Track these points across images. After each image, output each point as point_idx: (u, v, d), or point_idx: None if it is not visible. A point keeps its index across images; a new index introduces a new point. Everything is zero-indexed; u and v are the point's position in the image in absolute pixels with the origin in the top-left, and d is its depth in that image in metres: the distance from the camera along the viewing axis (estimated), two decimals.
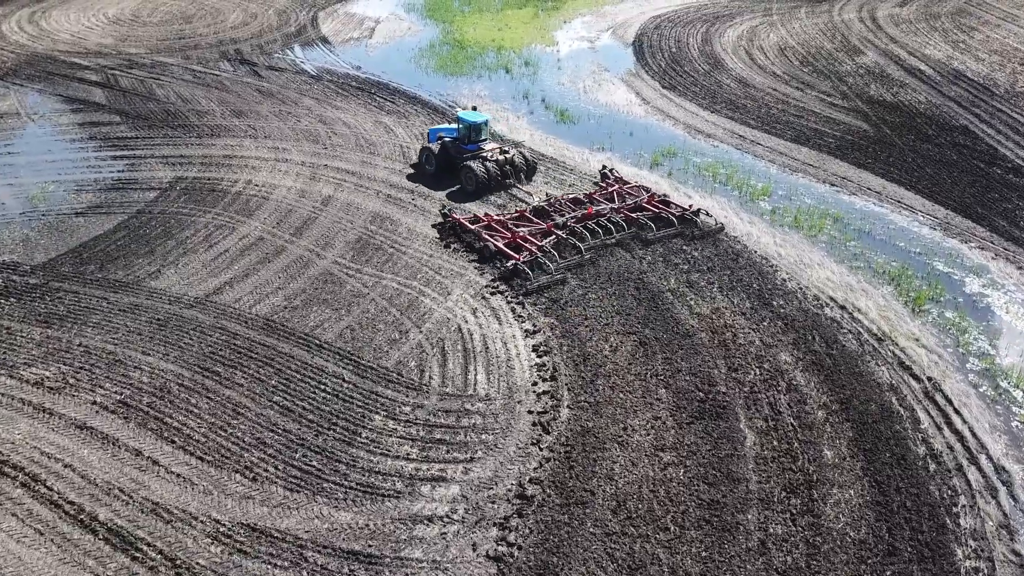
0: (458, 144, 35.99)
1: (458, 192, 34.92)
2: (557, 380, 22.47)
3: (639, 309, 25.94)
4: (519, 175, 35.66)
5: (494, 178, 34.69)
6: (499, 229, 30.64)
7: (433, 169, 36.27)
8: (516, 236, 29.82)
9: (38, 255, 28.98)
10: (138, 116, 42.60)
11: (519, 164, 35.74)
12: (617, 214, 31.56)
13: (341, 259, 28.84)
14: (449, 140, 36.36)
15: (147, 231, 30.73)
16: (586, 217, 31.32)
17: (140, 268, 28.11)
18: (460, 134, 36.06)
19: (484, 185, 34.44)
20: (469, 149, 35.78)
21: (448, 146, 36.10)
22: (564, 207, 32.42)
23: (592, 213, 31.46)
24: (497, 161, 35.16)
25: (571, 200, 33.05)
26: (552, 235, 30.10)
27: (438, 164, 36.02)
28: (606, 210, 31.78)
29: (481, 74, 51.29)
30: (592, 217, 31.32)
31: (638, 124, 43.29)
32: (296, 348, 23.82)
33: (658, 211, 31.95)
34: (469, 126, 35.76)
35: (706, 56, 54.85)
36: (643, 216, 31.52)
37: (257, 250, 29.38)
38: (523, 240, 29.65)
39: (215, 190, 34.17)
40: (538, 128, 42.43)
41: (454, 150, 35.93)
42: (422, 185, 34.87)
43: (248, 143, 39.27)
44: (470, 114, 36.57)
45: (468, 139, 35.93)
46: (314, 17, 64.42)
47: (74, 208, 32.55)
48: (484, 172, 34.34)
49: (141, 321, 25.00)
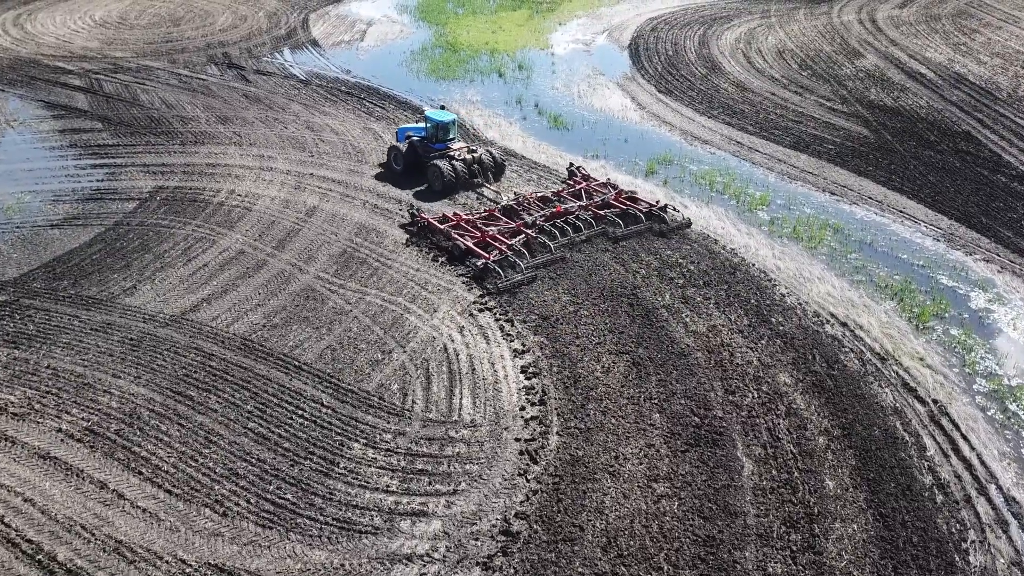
0: (426, 143, 35.83)
1: (426, 191, 34.55)
2: (546, 404, 21.46)
3: (633, 327, 24.95)
4: (487, 174, 35.48)
5: (461, 177, 34.55)
6: (468, 228, 30.47)
7: (401, 168, 36.12)
8: (485, 235, 29.65)
9: (10, 270, 27.94)
10: (121, 123, 41.55)
11: (487, 163, 35.60)
12: (585, 212, 31.59)
13: (324, 274, 27.82)
14: (417, 139, 36.14)
15: (124, 244, 29.69)
16: (555, 215, 31.24)
17: (115, 284, 27.08)
18: (428, 133, 35.97)
19: (451, 184, 34.30)
20: (437, 148, 35.55)
21: (416, 145, 35.88)
22: (533, 206, 32.27)
23: (561, 211, 31.41)
24: (464, 160, 35.02)
25: (539, 199, 32.94)
26: (522, 234, 29.94)
27: (406, 163, 35.89)
28: (574, 208, 31.75)
29: (474, 78, 50.27)
30: (561, 215, 31.28)
31: (633, 130, 42.29)
32: (274, 370, 22.80)
33: (626, 208, 31.99)
34: (437, 125, 35.53)
35: (703, 59, 53.87)
36: (611, 213, 31.55)
37: (237, 264, 28.36)
38: (492, 239, 29.49)
39: (196, 200, 33.13)
40: (531, 135, 41.43)
41: (422, 149, 35.73)
42: (393, 187, 33.84)
43: (232, 151, 38.24)
44: (437, 113, 36.35)
45: (436, 138, 35.73)
46: (305, 19, 63.39)
47: (50, 220, 31.50)
48: (451, 171, 34.17)
49: (113, 341, 23.97)
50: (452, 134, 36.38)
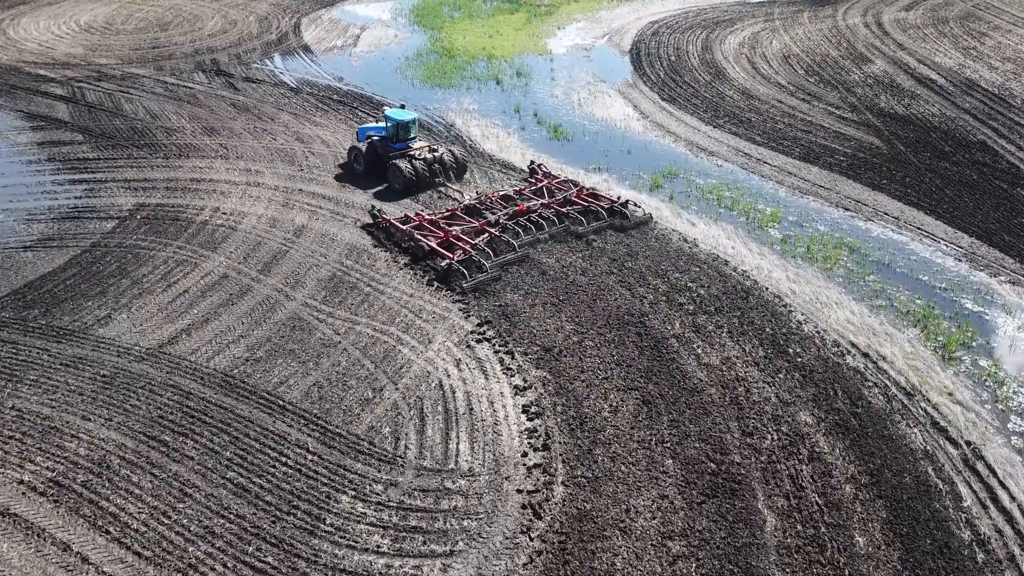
0: (386, 143, 35.49)
1: (386, 191, 34.13)
2: (550, 450, 19.86)
3: (641, 359, 23.36)
4: (448, 173, 35.23)
5: (422, 177, 34.31)
6: (431, 228, 30.25)
7: (362, 168, 35.83)
8: (449, 235, 29.45)
9: None
10: (102, 134, 39.86)
11: (448, 162, 35.35)
12: (547, 209, 31.58)
13: (312, 300, 26.20)
14: (377, 139, 35.76)
15: (100, 268, 28.03)
16: (518, 213, 31.15)
17: (89, 313, 25.43)
18: (388, 133, 35.63)
19: (412, 184, 34.02)
20: (397, 148, 35.24)
21: (376, 145, 35.55)
22: (495, 204, 32.19)
23: (523, 209, 31.34)
24: (425, 160, 34.77)
25: (501, 197, 32.86)
26: (485, 233, 29.82)
27: (367, 163, 35.58)
28: (536, 206, 31.72)
29: (470, 86, 48.65)
30: (524, 213, 31.21)
31: (636, 141, 40.72)
32: (256, 410, 21.18)
33: (587, 204, 32.17)
34: (397, 124, 35.21)
35: (707, 65, 52.33)
36: (573, 210, 31.67)
37: (220, 290, 26.73)
38: (456, 239, 29.28)
39: (179, 219, 31.48)
40: (530, 146, 39.83)
41: (382, 149, 35.39)
42: (388, 204, 32.21)
43: (218, 164, 36.59)
44: (398, 112, 36.05)
45: (396, 138, 35.41)
46: (297, 24, 61.71)
47: (23, 241, 29.81)
48: (411, 171, 33.90)
49: (84, 378, 22.32)
50: (413, 133, 36.02)
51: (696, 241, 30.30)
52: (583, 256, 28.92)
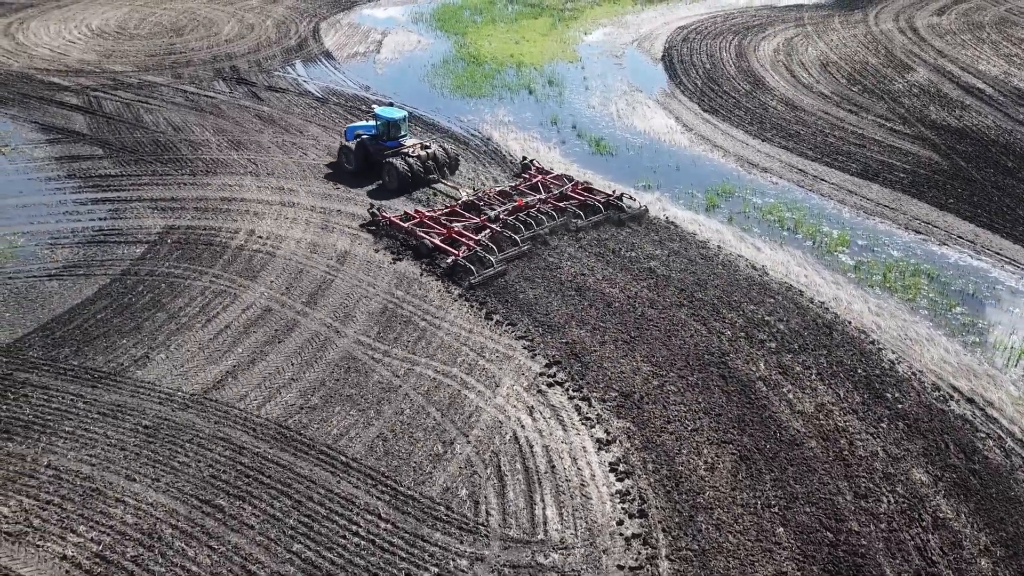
0: (376, 141, 35.32)
1: (379, 190, 34.22)
2: (648, 516, 18.03)
3: (730, 407, 21.52)
4: (442, 170, 35.35)
5: (417, 174, 34.23)
6: (432, 225, 30.32)
7: (353, 168, 35.62)
8: (451, 231, 29.55)
9: (1, 333, 24.32)
10: (123, 148, 37.86)
11: (441, 158, 35.41)
12: (545, 204, 31.89)
13: (364, 337, 24.30)
14: (367, 137, 35.58)
15: (133, 300, 26.10)
16: (517, 209, 31.36)
17: (124, 352, 23.50)
18: (378, 131, 35.41)
19: (407, 181, 33.94)
20: (388, 146, 35.12)
21: (367, 144, 35.38)
22: (493, 200, 32.37)
23: (522, 205, 31.58)
24: (419, 157, 34.69)
25: (498, 193, 33.07)
26: (486, 229, 29.97)
27: (357, 162, 35.42)
28: (535, 201, 31.97)
29: (503, 95, 46.72)
30: (523, 209, 31.44)
31: (683, 156, 38.85)
32: (318, 468, 19.30)
33: (584, 199, 32.50)
34: (387, 122, 35.09)
35: (744, 73, 50.47)
36: (570, 205, 31.93)
37: (264, 326, 24.82)
38: (458, 235, 29.45)
39: (212, 244, 29.54)
40: (573, 161, 37.93)
41: (373, 147, 35.26)
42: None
43: (249, 182, 34.65)
44: (387, 110, 35.92)
45: (387, 136, 35.26)
46: (316, 29, 59.68)
47: (47, 269, 27.86)
48: (407, 168, 33.87)
49: (125, 429, 20.42)
50: (403, 131, 35.78)
51: (765, 268, 28.46)
52: (648, 285, 27.09)
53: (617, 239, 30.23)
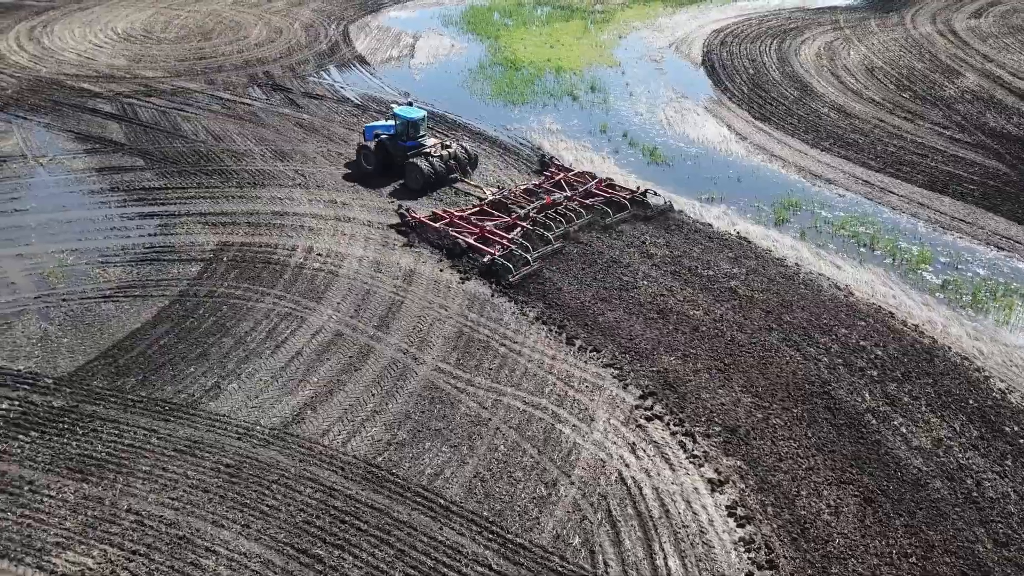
0: (396, 141, 34.97)
1: (400, 190, 34.15)
2: (778, 569, 16.83)
3: (842, 442, 20.32)
4: (463, 169, 35.21)
5: (440, 174, 34.17)
6: (463, 225, 30.22)
7: (372, 168, 35.40)
8: (483, 230, 29.50)
9: (62, 361, 23.09)
10: (165, 158, 36.62)
11: (462, 158, 35.26)
12: (572, 201, 32.00)
13: (444, 364, 23.07)
14: (386, 137, 35.22)
15: (195, 323, 24.86)
16: (545, 207, 31.44)
17: (194, 381, 22.29)
18: (397, 131, 35.06)
19: (430, 182, 33.88)
20: (408, 146, 34.82)
21: (386, 143, 35.07)
22: (520, 199, 32.37)
23: (550, 202, 31.68)
24: (441, 156, 34.61)
25: (524, 191, 33.11)
26: (518, 227, 30.01)
27: (376, 162, 35.17)
28: (562, 199, 32.02)
29: (546, 102, 45.47)
30: (551, 206, 31.52)
31: (743, 166, 37.64)
32: (416, 512, 18.09)
33: (609, 195, 32.66)
34: (406, 122, 34.77)
35: (789, 78, 49.25)
36: (597, 202, 32.09)
37: (337, 352, 23.59)
38: (491, 234, 29.36)
39: (270, 262, 28.31)
40: (629, 170, 36.68)
41: (392, 147, 34.93)
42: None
43: (299, 195, 33.41)
44: (407, 110, 35.54)
45: (406, 136, 34.95)
46: (345, 32, 58.38)
47: (101, 290, 26.61)
48: (431, 168, 33.77)
49: (205, 468, 19.21)
50: (422, 131, 35.48)
51: (849, 288, 27.24)
52: (732, 306, 25.88)
53: (691, 256, 29.02)
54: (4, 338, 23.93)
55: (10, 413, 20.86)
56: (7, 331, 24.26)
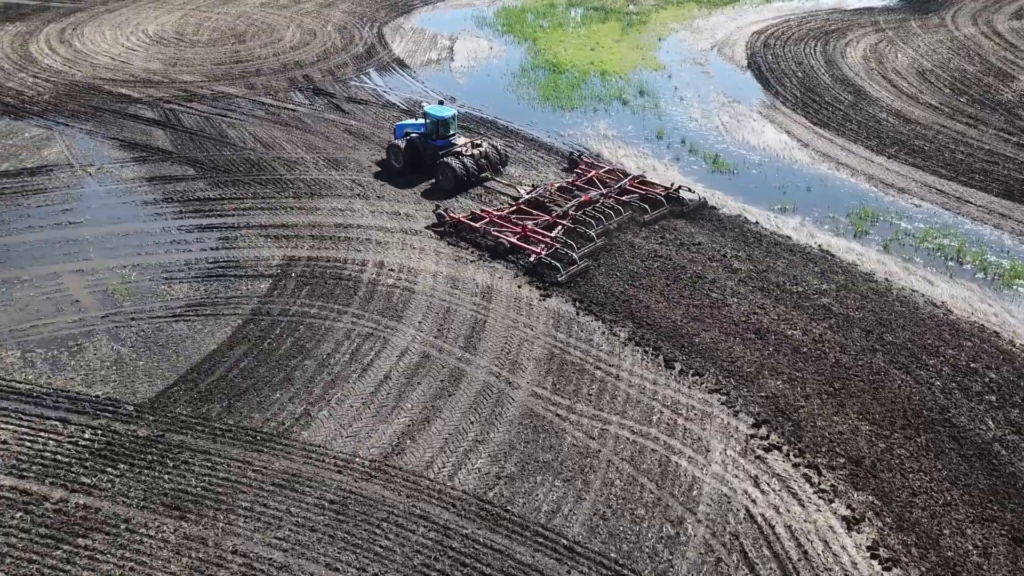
0: (426, 140, 34.77)
1: (432, 189, 33.88)
2: None
3: (975, 474, 19.25)
4: (494, 167, 35.05)
5: (472, 173, 33.91)
6: (503, 224, 30.11)
7: (401, 167, 35.19)
8: (526, 230, 29.43)
9: (140, 385, 22.04)
10: (215, 167, 35.53)
11: (492, 157, 35.07)
12: (607, 199, 31.96)
13: (540, 389, 22.02)
14: (416, 136, 35.04)
15: (273, 344, 23.78)
16: (583, 204, 31.31)
17: (282, 408, 21.23)
18: (427, 129, 34.84)
19: (463, 181, 33.63)
20: (438, 145, 34.63)
21: (416, 142, 34.89)
22: (555, 197, 32.33)
23: (588, 200, 31.55)
24: (473, 156, 34.37)
25: (558, 189, 33.04)
26: (558, 225, 29.96)
27: (406, 161, 34.96)
28: (598, 196, 31.95)
29: (596, 107, 44.36)
30: (588, 204, 31.39)
31: (809, 175, 36.55)
32: (540, 554, 17.02)
33: (644, 192, 32.72)
34: (436, 121, 34.52)
35: (840, 82, 48.11)
36: (633, 198, 32.14)
37: (427, 375, 22.52)
38: (533, 233, 29.30)
39: (341, 278, 27.24)
40: (694, 178, 35.47)
41: (422, 146, 34.78)
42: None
43: (359, 206, 32.32)
44: (437, 108, 35.32)
45: (436, 135, 34.69)
46: (380, 34, 57.23)
47: (170, 308, 25.55)
48: (463, 168, 33.54)
49: (308, 505, 18.15)
50: (452, 130, 35.27)
51: (947, 305, 26.16)
52: (829, 326, 24.82)
53: (776, 270, 27.95)
54: (77, 361, 22.90)
55: (94, 444, 19.84)
56: (79, 353, 23.23)
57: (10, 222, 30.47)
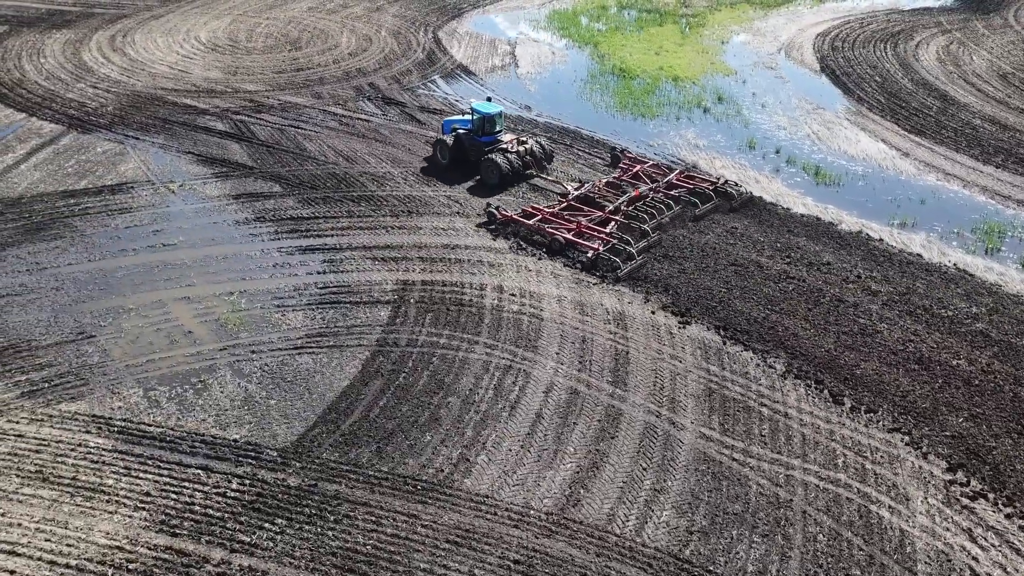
0: (472, 136, 34.74)
1: (477, 186, 33.99)
2: None
3: None
4: (540, 164, 34.91)
5: (516, 170, 33.98)
6: (556, 221, 30.18)
7: (446, 162, 35.33)
8: (580, 226, 29.48)
9: (278, 428, 20.59)
10: (301, 183, 34.07)
11: (538, 153, 34.97)
12: (656, 193, 32.14)
13: (707, 429, 20.54)
14: (463, 132, 35.01)
15: (410, 379, 22.32)
16: (635, 199, 31.52)
17: (435, 452, 19.76)
18: (474, 126, 34.78)
19: (507, 178, 33.75)
20: (484, 141, 34.62)
21: (462, 138, 34.87)
22: (604, 192, 32.47)
23: (639, 195, 31.76)
24: (518, 153, 34.34)
25: (607, 184, 33.08)
26: (611, 221, 30.01)
27: (451, 157, 35.07)
28: (647, 191, 32.14)
29: (679, 115, 42.81)
30: (639, 199, 31.66)
31: (919, 187, 34.99)
32: None
33: (692, 186, 32.71)
34: (483, 117, 34.50)
35: (921, 86, 46.48)
36: (682, 193, 32.26)
37: (580, 413, 21.03)
38: (587, 229, 29.36)
39: (463, 304, 25.78)
40: (800, 193, 33.90)
41: (468, 142, 34.76)
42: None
43: (461, 224, 30.80)
44: (484, 105, 35.31)
45: (482, 131, 34.68)
46: (436, 39, 55.70)
47: (289, 339, 24.07)
48: (508, 165, 33.58)
49: (492, 565, 16.60)
50: (499, 127, 35.19)
51: None
52: (993, 354, 23.21)
53: (917, 292, 26.43)
54: (205, 400, 21.48)
55: (245, 495, 18.41)
56: (205, 392, 21.80)
57: (102, 245, 29.04)
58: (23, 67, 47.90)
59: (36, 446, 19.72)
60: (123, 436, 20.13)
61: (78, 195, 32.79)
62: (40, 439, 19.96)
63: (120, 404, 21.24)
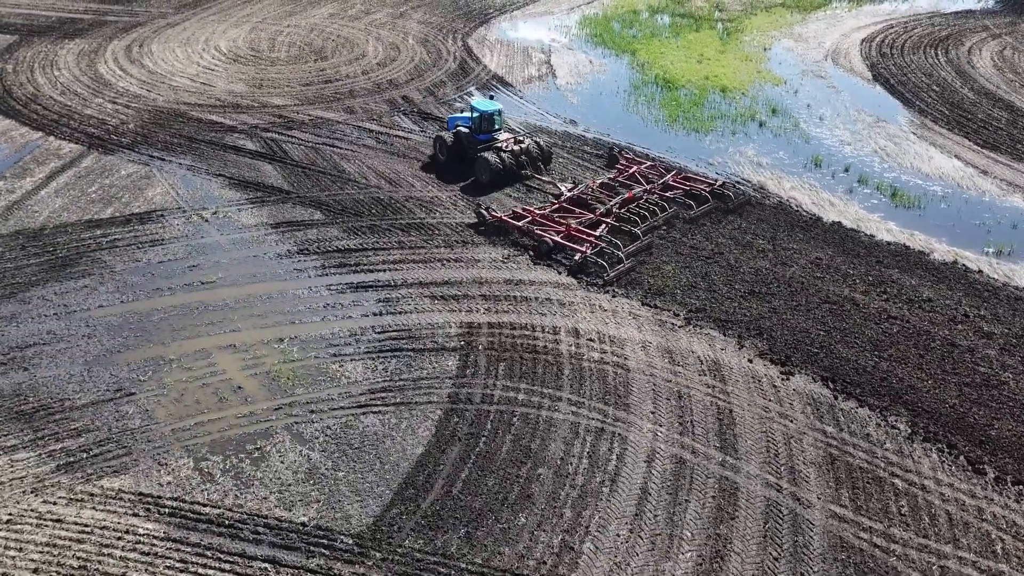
0: (471, 134, 34.23)
1: (472, 185, 33.37)
2: None
3: None
4: (536, 164, 34.33)
5: (509, 169, 33.41)
6: (547, 223, 29.60)
7: (445, 159, 34.97)
8: (570, 228, 28.96)
9: (349, 507, 18.15)
10: (344, 209, 31.62)
11: (535, 153, 34.39)
12: (651, 195, 31.48)
13: (838, 508, 18.09)
14: (464, 130, 34.57)
15: (490, 445, 19.87)
16: (627, 201, 30.85)
17: (533, 539, 17.34)
18: (473, 124, 34.28)
19: (499, 177, 33.19)
20: (482, 139, 34.12)
21: (462, 136, 34.52)
22: (598, 194, 31.93)
23: (632, 197, 31.11)
24: (512, 152, 33.78)
25: (600, 186, 32.50)
26: (602, 223, 29.44)
27: (450, 154, 34.70)
28: (641, 192, 31.53)
29: (734, 129, 40.33)
30: (632, 201, 30.94)
31: (1007, 209, 32.42)
32: None
33: (688, 188, 32.19)
34: (481, 115, 34.06)
35: (984, 96, 43.99)
36: (677, 194, 31.71)
37: (690, 488, 18.59)
38: (577, 231, 28.87)
39: (537, 351, 23.35)
40: (878, 215, 31.51)
41: (467, 140, 34.32)
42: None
43: (523, 258, 28.48)
44: (483, 103, 34.94)
45: (480, 129, 34.13)
46: (466, 47, 53.16)
47: (351, 395, 21.60)
48: (499, 163, 33.10)
49: None
50: (497, 125, 34.75)
51: None
52: None
53: None
54: (264, 472, 19.07)
55: None
56: (263, 462, 19.39)
57: (135, 284, 26.59)
58: (36, 80, 45.46)
59: (78, 534, 17.32)
60: (175, 519, 17.72)
61: (104, 225, 30.36)
62: (82, 525, 17.53)
63: (169, 479, 18.84)
